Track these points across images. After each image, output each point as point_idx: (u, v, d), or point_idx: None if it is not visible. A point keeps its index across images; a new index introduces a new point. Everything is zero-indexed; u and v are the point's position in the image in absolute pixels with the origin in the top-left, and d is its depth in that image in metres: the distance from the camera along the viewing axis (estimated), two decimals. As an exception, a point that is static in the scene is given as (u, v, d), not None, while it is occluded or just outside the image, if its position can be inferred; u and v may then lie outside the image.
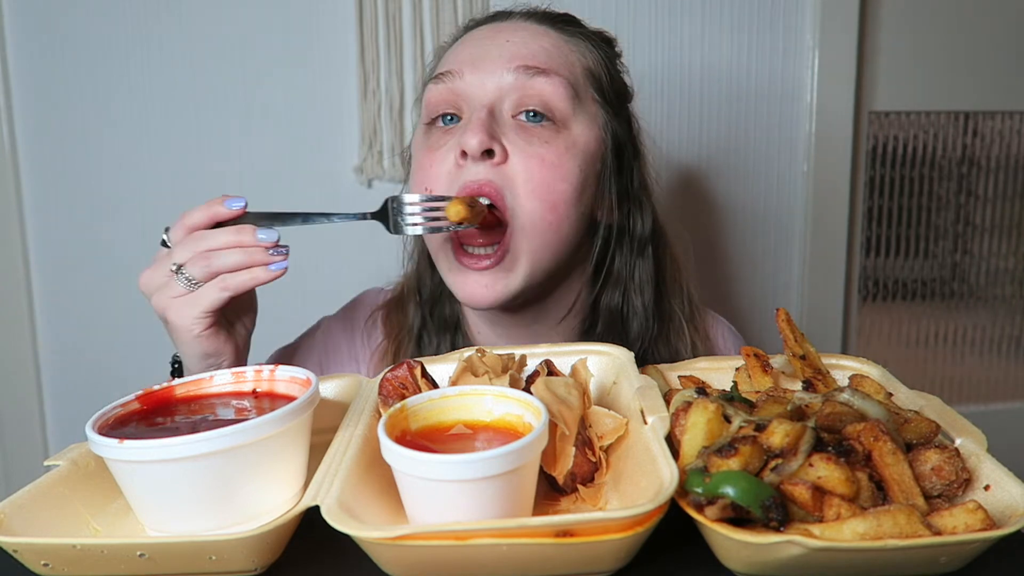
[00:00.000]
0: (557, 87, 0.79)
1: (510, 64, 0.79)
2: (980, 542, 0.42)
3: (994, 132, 1.70)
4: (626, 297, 0.90)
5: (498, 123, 0.79)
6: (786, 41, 1.52)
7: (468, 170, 0.78)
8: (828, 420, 0.51)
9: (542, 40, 0.82)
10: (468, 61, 0.81)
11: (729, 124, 1.53)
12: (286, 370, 0.60)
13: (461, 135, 0.78)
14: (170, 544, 0.46)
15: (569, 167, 0.80)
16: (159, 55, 1.38)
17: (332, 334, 0.99)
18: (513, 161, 0.78)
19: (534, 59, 0.79)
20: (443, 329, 0.93)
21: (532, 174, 0.78)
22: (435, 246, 0.84)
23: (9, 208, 1.40)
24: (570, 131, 0.81)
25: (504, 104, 0.80)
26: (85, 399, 1.47)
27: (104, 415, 0.54)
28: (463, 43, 0.86)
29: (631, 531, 0.43)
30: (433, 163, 0.81)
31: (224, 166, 1.42)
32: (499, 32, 0.83)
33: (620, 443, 0.58)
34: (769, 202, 1.58)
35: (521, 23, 0.85)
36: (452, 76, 0.81)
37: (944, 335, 1.79)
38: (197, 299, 0.71)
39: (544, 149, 0.78)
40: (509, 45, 0.81)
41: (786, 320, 0.69)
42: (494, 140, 0.77)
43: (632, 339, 0.90)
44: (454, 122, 0.82)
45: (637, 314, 0.90)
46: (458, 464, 0.45)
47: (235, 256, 0.69)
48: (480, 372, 0.60)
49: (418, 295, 0.95)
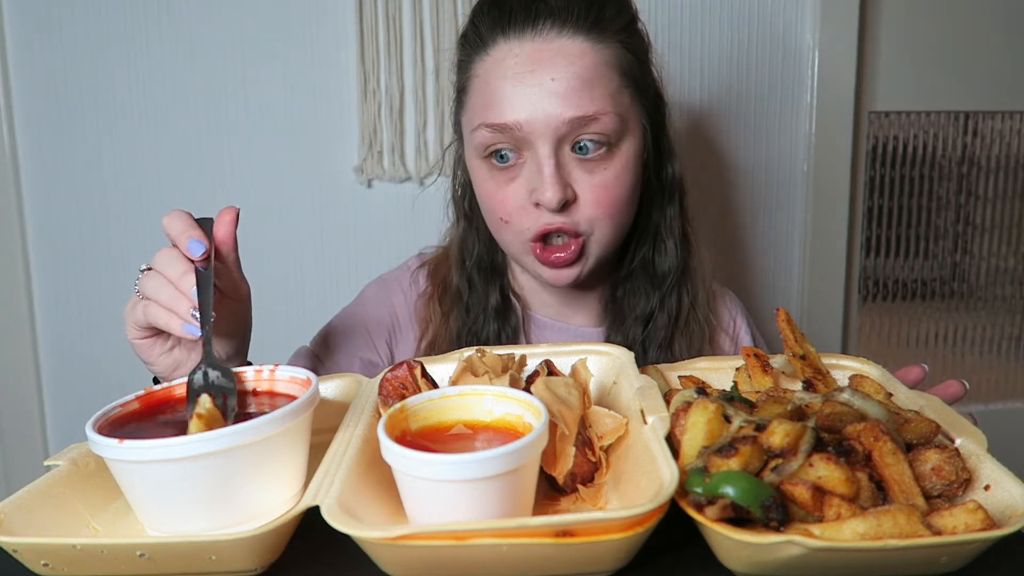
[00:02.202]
0: (608, 123, 0.84)
1: (562, 112, 0.83)
2: (980, 542, 0.42)
3: (994, 132, 1.70)
4: (657, 241, 0.98)
5: (562, 167, 0.85)
6: (786, 41, 1.52)
7: (544, 215, 0.86)
8: (828, 420, 0.51)
9: (580, 66, 0.84)
10: (520, 108, 0.84)
11: (729, 124, 1.53)
12: (286, 370, 0.60)
13: (538, 191, 0.84)
14: (170, 544, 0.46)
15: (627, 182, 0.89)
16: (159, 55, 1.38)
17: (375, 297, 1.04)
18: (582, 197, 0.86)
19: (582, 106, 0.83)
20: (490, 278, 1.00)
21: (600, 201, 0.87)
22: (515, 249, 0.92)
23: (9, 208, 1.40)
24: (621, 149, 0.87)
25: (563, 145, 0.85)
26: (85, 399, 1.47)
27: (104, 415, 0.54)
28: (504, 77, 0.85)
29: (631, 531, 0.43)
30: (505, 199, 0.88)
31: (224, 166, 1.42)
32: (540, 64, 0.83)
33: (620, 443, 0.58)
34: (769, 202, 1.58)
35: (555, 41, 0.84)
36: (508, 128, 0.85)
37: (944, 335, 1.79)
38: (133, 308, 0.70)
39: (604, 176, 0.86)
40: (554, 84, 0.83)
41: (786, 320, 0.69)
42: (567, 188, 0.85)
43: (663, 275, 0.98)
44: (510, 159, 0.87)
45: (668, 253, 0.98)
46: (458, 464, 0.45)
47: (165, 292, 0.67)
48: (480, 372, 0.60)
49: (462, 256, 1.01)
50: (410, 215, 1.45)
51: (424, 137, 1.43)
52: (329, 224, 1.46)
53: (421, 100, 1.41)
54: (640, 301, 0.98)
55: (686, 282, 0.99)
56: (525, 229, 0.87)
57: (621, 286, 1.00)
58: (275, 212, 1.44)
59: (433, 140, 1.43)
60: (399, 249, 1.15)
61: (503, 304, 0.99)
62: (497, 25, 0.87)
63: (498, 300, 0.99)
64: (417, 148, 1.43)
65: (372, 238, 1.46)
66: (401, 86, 1.41)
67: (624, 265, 0.99)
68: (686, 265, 0.99)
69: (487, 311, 0.98)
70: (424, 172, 1.44)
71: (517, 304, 1.01)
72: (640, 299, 0.98)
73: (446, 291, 1.00)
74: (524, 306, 1.01)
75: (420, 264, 1.05)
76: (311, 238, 1.46)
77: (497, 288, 1.00)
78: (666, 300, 0.98)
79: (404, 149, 1.43)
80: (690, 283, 1.00)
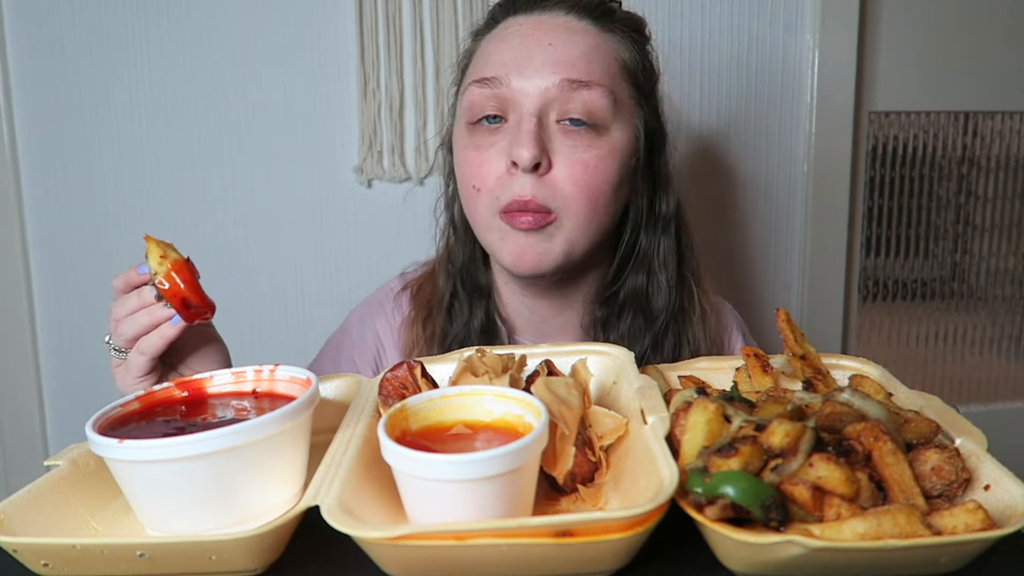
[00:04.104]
0: (599, 98, 0.83)
1: (554, 74, 0.82)
2: (980, 542, 0.42)
3: (994, 132, 1.70)
4: (651, 275, 0.95)
5: (544, 130, 0.83)
6: (786, 41, 1.52)
7: (517, 180, 0.83)
8: (828, 420, 0.51)
9: (582, 41, 0.84)
10: (512, 66, 0.83)
11: (729, 124, 1.53)
12: (286, 370, 0.60)
13: (514, 146, 0.82)
14: (170, 544, 0.46)
15: (610, 169, 0.85)
16: (159, 55, 1.38)
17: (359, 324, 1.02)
18: (558, 168, 0.83)
19: (576, 70, 0.82)
20: (475, 296, 0.97)
21: (576, 179, 0.83)
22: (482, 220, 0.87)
23: (9, 208, 1.40)
24: (610, 135, 0.85)
25: (549, 111, 0.83)
26: (85, 399, 1.47)
27: (104, 415, 0.54)
28: (504, 39, 0.86)
29: (631, 531, 0.43)
30: (483, 163, 0.85)
31: (224, 166, 1.42)
32: (541, 30, 0.85)
33: (620, 443, 0.58)
34: (769, 202, 1.58)
35: (562, 17, 0.86)
36: (498, 83, 0.83)
37: (944, 335, 1.79)
38: (128, 367, 0.74)
39: (587, 154, 0.83)
40: (552, 49, 0.82)
41: (786, 320, 0.69)
42: (543, 153, 0.82)
43: (656, 313, 0.94)
44: (498, 122, 0.85)
45: (661, 290, 0.94)
46: (458, 464, 0.45)
47: (142, 319, 0.71)
48: (480, 372, 0.60)
49: (450, 265, 0.99)
50: (410, 215, 1.45)
51: (424, 137, 1.43)
52: (329, 224, 1.46)
53: (421, 100, 1.41)
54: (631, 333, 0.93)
55: (686, 329, 0.95)
56: (495, 199, 0.84)
57: (608, 308, 0.95)
58: (275, 212, 1.44)
59: (433, 140, 1.43)
60: (399, 249, 1.15)
61: (488, 325, 0.96)
62: (510, 7, 0.89)
63: (483, 320, 0.96)
64: (417, 148, 1.43)
65: (372, 238, 1.46)
66: (401, 86, 1.41)
67: (609, 288, 0.95)
68: (682, 307, 0.95)
69: (471, 329, 0.95)
70: (424, 172, 1.44)
71: (503, 327, 0.98)
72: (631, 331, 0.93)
73: (429, 315, 0.97)
74: (510, 330, 0.98)
75: (403, 287, 1.03)
76: (311, 238, 1.46)
77: (483, 308, 0.97)
78: (661, 341, 0.93)
79: (404, 149, 1.43)
80: (690, 330, 0.95)
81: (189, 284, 0.68)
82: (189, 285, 0.68)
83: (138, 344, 0.72)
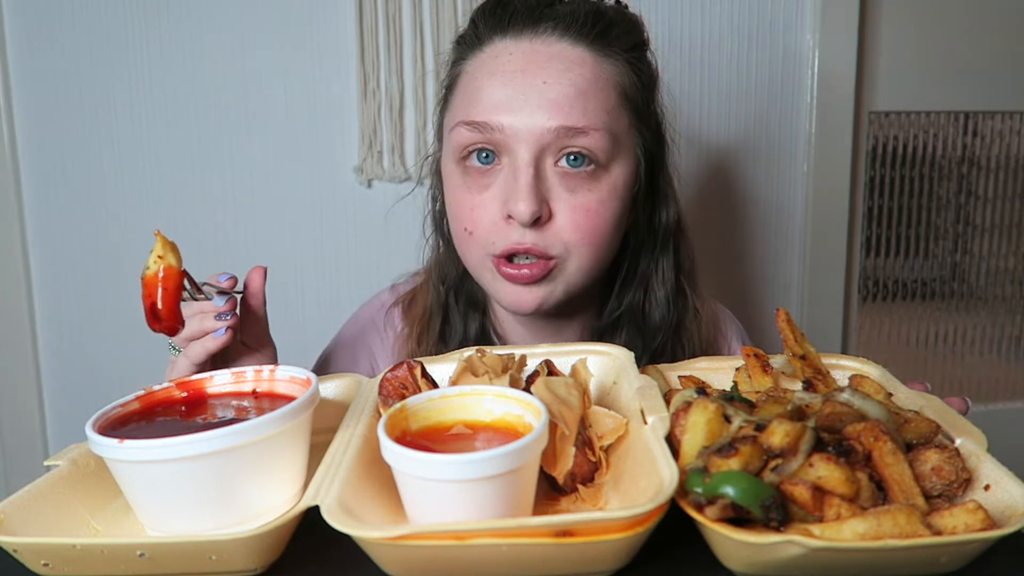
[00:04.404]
0: (598, 141, 0.78)
1: (550, 119, 0.76)
2: (980, 542, 0.42)
3: (994, 132, 1.70)
4: (648, 292, 0.92)
5: (542, 178, 0.78)
6: (786, 41, 1.52)
7: (515, 231, 0.79)
8: (828, 420, 0.51)
9: (579, 77, 0.78)
10: (504, 108, 0.77)
11: (728, 124, 1.53)
12: (286, 370, 0.60)
13: (511, 200, 0.77)
14: (170, 544, 0.46)
15: (612, 210, 0.81)
16: (159, 55, 1.38)
17: (353, 341, 1.00)
18: (559, 216, 0.79)
19: (573, 115, 0.77)
20: (469, 309, 0.94)
21: (579, 225, 0.79)
22: (475, 261, 0.84)
23: (9, 208, 1.40)
24: (610, 173, 0.81)
25: (545, 155, 0.79)
26: (85, 399, 1.47)
27: (104, 415, 0.54)
28: (494, 74, 0.79)
29: (631, 531, 0.43)
30: (475, 207, 0.81)
31: (224, 166, 1.42)
32: (535, 63, 0.78)
33: (620, 443, 0.58)
34: (769, 202, 1.58)
35: (555, 44, 0.79)
36: (489, 128, 0.78)
37: (944, 335, 1.79)
38: (175, 367, 0.75)
39: (587, 197, 0.79)
40: (547, 88, 0.77)
41: (786, 320, 0.69)
42: (543, 204, 0.78)
43: (653, 330, 0.92)
44: (490, 161, 0.80)
45: (660, 305, 0.92)
46: (458, 464, 0.45)
47: (196, 323, 0.72)
48: (480, 372, 0.60)
49: (442, 281, 0.95)
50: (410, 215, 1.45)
51: (424, 137, 1.43)
52: (329, 224, 1.46)
53: (421, 100, 1.41)
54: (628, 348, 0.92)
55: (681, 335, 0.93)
56: (490, 244, 0.80)
57: (604, 324, 0.93)
58: (275, 212, 1.44)
59: (433, 140, 1.43)
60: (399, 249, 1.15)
61: (484, 342, 0.93)
62: (497, 24, 0.82)
63: (478, 335, 0.93)
64: (417, 148, 1.43)
65: (372, 238, 1.46)
66: (401, 86, 1.41)
67: (606, 310, 0.93)
68: (680, 322, 0.93)
69: (467, 344, 0.92)
70: (424, 172, 1.44)
71: (498, 343, 0.94)
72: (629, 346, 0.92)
73: (424, 331, 0.94)
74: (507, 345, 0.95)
75: (394, 301, 0.99)
76: (311, 238, 1.46)
77: (477, 323, 0.94)
78: (658, 358, 0.90)
79: (404, 149, 1.43)
80: (685, 336, 0.93)
81: (167, 294, 0.65)
82: (167, 295, 0.65)
83: (187, 351, 0.72)
